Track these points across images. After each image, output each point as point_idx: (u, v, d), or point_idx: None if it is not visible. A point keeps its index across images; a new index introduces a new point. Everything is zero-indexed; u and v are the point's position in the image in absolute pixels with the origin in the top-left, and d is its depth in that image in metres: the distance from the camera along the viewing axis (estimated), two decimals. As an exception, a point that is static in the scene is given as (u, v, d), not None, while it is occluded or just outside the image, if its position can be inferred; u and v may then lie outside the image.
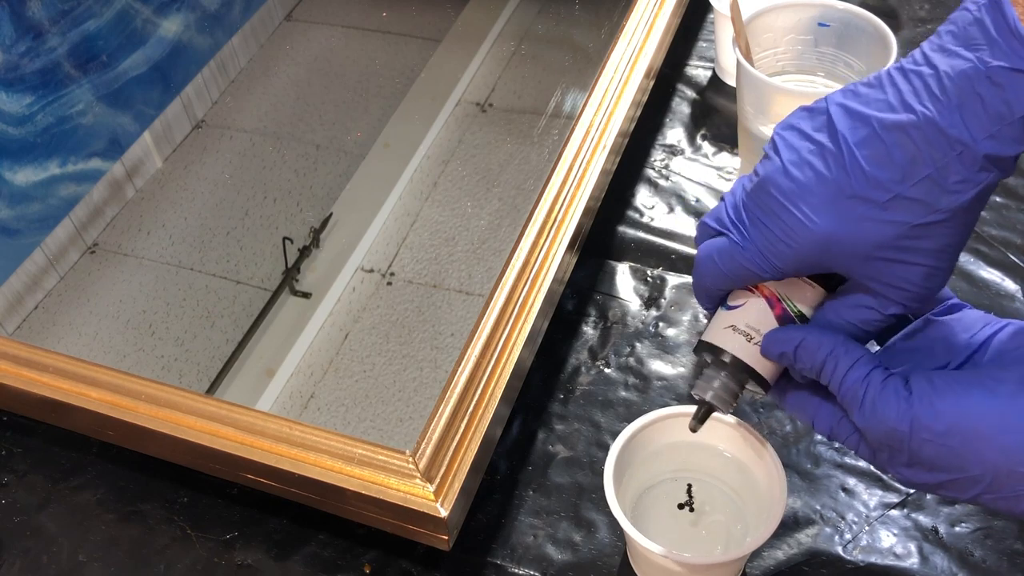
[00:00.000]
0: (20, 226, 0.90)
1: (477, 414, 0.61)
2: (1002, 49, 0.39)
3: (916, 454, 0.44)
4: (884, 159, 0.42)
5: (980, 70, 0.40)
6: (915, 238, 0.43)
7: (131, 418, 0.62)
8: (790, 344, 0.47)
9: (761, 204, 0.45)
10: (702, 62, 0.94)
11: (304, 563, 0.63)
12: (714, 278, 0.48)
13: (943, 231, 0.43)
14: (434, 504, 0.57)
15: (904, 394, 0.44)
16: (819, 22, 0.74)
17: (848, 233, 0.43)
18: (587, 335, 0.73)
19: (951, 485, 0.44)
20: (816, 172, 0.43)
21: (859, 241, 0.43)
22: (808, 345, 0.46)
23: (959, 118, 0.40)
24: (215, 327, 0.90)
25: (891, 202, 0.42)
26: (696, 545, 0.58)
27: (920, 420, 0.43)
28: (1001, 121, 0.40)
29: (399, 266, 0.92)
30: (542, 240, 0.69)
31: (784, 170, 0.44)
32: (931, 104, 0.41)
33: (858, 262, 0.44)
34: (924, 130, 0.41)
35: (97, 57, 0.96)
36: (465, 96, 1.08)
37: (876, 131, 0.42)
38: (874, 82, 0.43)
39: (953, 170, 0.41)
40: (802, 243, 0.44)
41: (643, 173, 0.85)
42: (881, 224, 0.42)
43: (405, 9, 1.20)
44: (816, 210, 0.43)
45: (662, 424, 0.59)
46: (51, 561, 0.64)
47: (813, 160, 0.43)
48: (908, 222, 0.42)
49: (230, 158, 1.05)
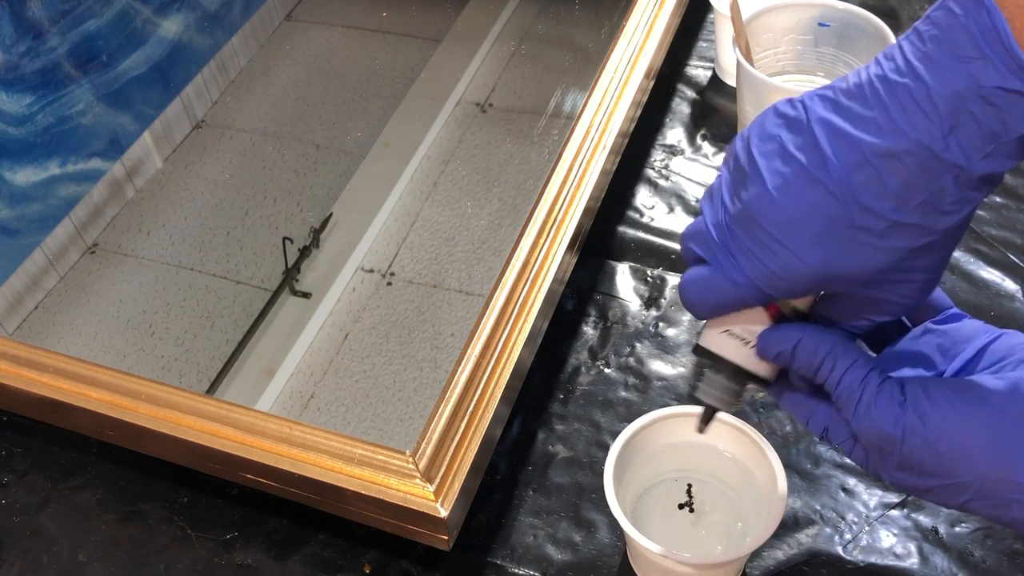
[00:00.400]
0: (20, 226, 0.90)
1: (477, 414, 0.61)
2: (995, 67, 0.37)
3: (907, 458, 0.44)
4: (878, 187, 0.40)
5: (973, 89, 0.38)
6: (912, 259, 0.42)
7: (131, 418, 0.62)
8: (788, 343, 0.46)
9: (751, 235, 0.43)
10: (702, 62, 0.94)
11: (304, 563, 0.63)
12: (706, 308, 0.47)
13: (938, 248, 0.42)
14: (434, 504, 0.57)
15: (899, 399, 0.44)
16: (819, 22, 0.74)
17: (845, 265, 0.42)
18: (587, 335, 0.73)
19: (941, 491, 0.44)
20: (807, 202, 0.41)
21: (857, 271, 0.42)
22: (806, 345, 0.46)
23: (954, 141, 0.39)
24: (215, 327, 0.90)
25: (888, 230, 0.41)
26: (696, 545, 0.58)
27: (912, 425, 0.43)
28: (996, 140, 0.38)
29: (399, 266, 0.92)
30: (542, 240, 0.69)
31: (772, 198, 0.42)
32: (923, 127, 0.39)
33: (856, 287, 0.44)
34: (918, 156, 0.39)
35: (97, 57, 0.96)
36: (465, 96, 1.08)
37: (867, 158, 0.40)
38: (855, 91, 0.41)
39: (948, 192, 0.40)
40: (799, 277, 0.43)
41: (643, 173, 0.85)
42: (878, 252, 0.41)
43: (405, 9, 1.20)
44: (811, 245, 0.42)
45: (662, 424, 0.59)
46: (51, 561, 0.64)
47: (802, 187, 0.41)
48: (905, 247, 0.41)
49: (230, 158, 1.05)
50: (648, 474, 0.60)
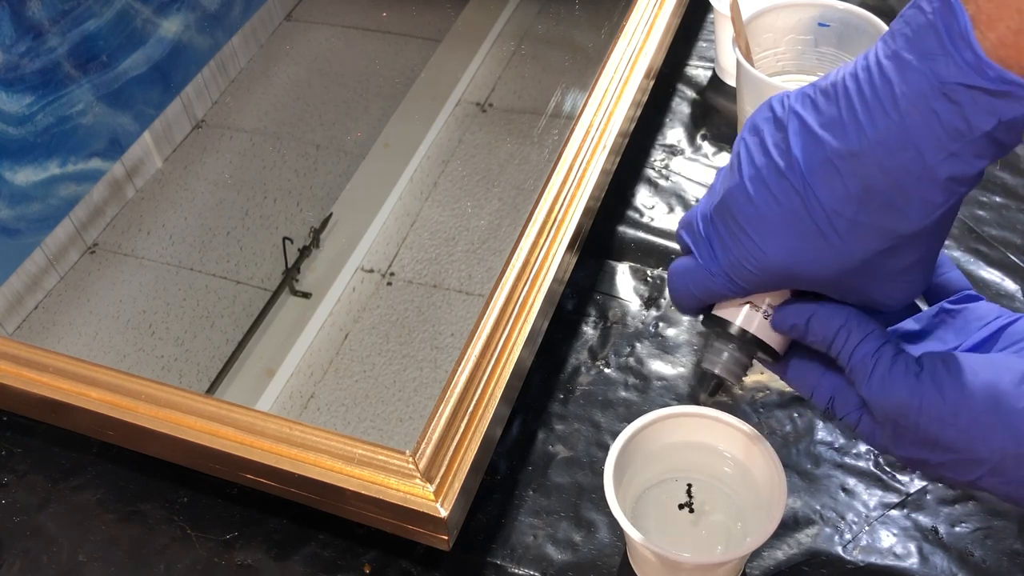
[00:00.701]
0: (20, 226, 0.90)
1: (477, 414, 0.61)
2: (956, 63, 0.36)
3: (922, 431, 0.43)
4: (838, 189, 0.40)
5: (936, 86, 0.37)
6: (881, 261, 0.42)
7: (131, 418, 0.62)
8: (802, 316, 0.46)
9: (726, 225, 0.44)
10: (702, 62, 0.94)
11: (304, 563, 0.63)
12: (688, 299, 0.48)
13: (911, 250, 0.42)
14: (434, 504, 0.57)
15: (915, 370, 0.43)
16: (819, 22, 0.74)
17: (805, 263, 0.42)
18: (587, 335, 0.73)
19: (954, 466, 0.43)
20: (772, 196, 0.42)
21: (818, 271, 0.42)
22: (821, 317, 0.45)
23: (912, 141, 0.38)
24: (215, 327, 0.90)
25: (848, 231, 0.41)
26: (696, 545, 0.58)
27: (929, 396, 0.42)
28: (960, 139, 0.37)
29: (399, 266, 0.92)
30: (542, 240, 0.69)
31: (743, 188, 0.43)
32: (883, 126, 0.38)
33: (826, 287, 0.44)
34: (877, 157, 0.39)
35: (97, 57, 0.96)
36: (465, 96, 1.08)
37: (829, 158, 0.40)
38: (831, 91, 0.41)
39: (913, 195, 0.39)
40: (763, 269, 0.43)
41: (643, 173, 0.85)
42: (840, 253, 0.41)
43: (405, 9, 1.20)
44: (769, 238, 0.42)
45: (662, 424, 0.59)
46: (51, 561, 0.64)
47: (769, 181, 0.42)
48: (871, 249, 0.41)
49: (230, 158, 1.05)
50: (648, 474, 0.60)
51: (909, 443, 0.44)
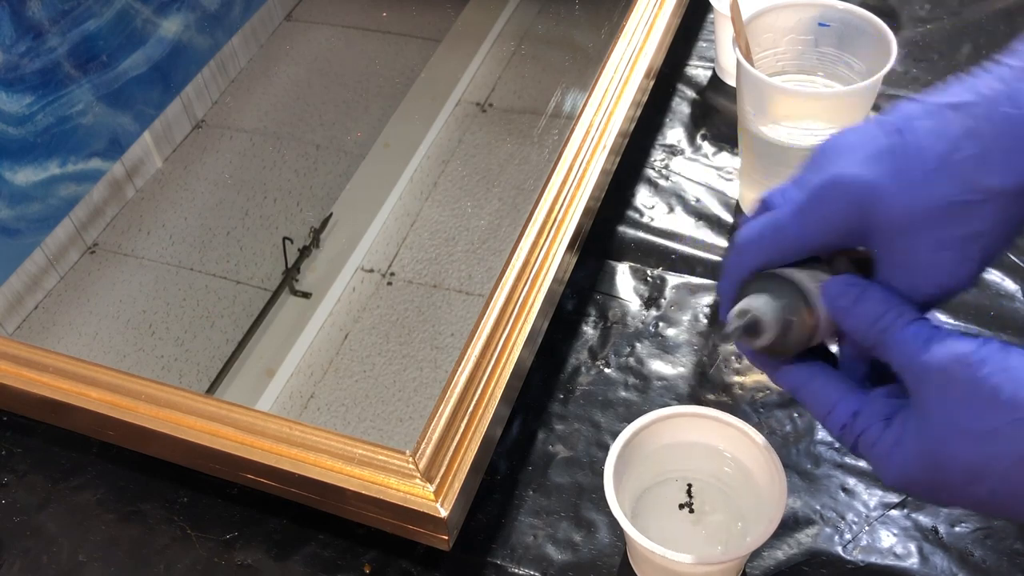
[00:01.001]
0: (20, 226, 0.90)
1: (477, 414, 0.61)
2: None
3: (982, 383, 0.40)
4: (940, 127, 0.42)
5: None
6: (951, 219, 0.43)
7: (131, 418, 0.62)
8: (849, 295, 0.45)
9: (811, 164, 0.46)
10: (702, 62, 0.94)
11: (304, 563, 0.63)
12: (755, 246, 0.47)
13: (979, 216, 0.42)
14: (434, 504, 0.57)
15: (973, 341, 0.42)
16: (819, 22, 0.74)
17: (891, 189, 0.43)
18: (587, 335, 0.73)
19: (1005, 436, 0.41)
20: (869, 132, 0.44)
21: (898, 202, 0.43)
22: (871, 295, 0.45)
23: None
24: (215, 327, 0.90)
25: (937, 169, 0.42)
26: (696, 545, 0.58)
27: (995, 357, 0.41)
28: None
29: (399, 266, 0.92)
30: (542, 240, 0.69)
31: (839, 133, 0.45)
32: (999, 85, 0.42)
33: (894, 233, 0.44)
34: (987, 107, 0.41)
35: (97, 57, 0.96)
36: (465, 96, 1.08)
37: (939, 105, 0.43)
38: None
39: (1010, 151, 0.41)
40: (848, 198, 0.44)
41: (643, 173, 0.85)
42: (923, 189, 0.43)
43: (405, 9, 1.20)
44: (864, 162, 0.44)
45: (662, 424, 0.59)
46: (51, 561, 0.64)
47: (867, 125, 0.45)
48: (947, 196, 0.42)
49: (230, 158, 1.05)
50: (648, 474, 0.60)
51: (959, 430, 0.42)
